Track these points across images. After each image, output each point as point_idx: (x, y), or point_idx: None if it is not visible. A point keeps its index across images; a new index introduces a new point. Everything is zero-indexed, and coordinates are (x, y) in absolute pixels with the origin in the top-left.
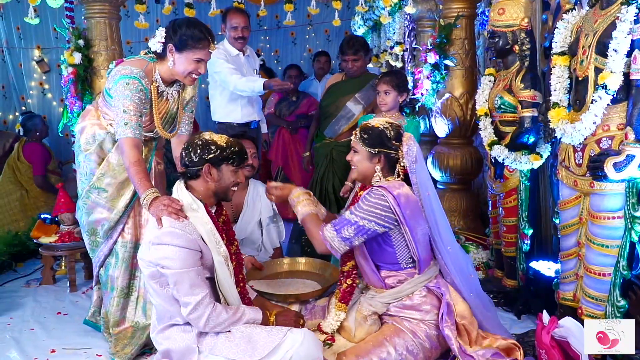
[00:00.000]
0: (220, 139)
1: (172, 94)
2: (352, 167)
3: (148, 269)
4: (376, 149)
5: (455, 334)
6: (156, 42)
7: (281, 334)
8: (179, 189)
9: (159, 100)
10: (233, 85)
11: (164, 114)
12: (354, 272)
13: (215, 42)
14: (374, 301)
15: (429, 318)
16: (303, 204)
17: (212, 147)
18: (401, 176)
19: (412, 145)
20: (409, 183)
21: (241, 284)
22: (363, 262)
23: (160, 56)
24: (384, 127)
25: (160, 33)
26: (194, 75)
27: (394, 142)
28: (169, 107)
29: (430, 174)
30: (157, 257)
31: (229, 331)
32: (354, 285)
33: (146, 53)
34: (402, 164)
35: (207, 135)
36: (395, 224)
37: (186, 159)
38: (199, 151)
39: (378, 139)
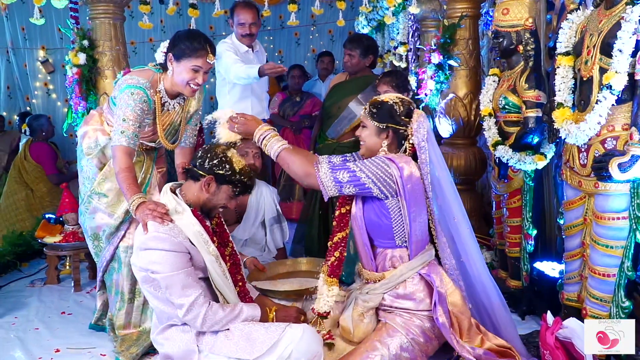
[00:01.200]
0: (238, 163)
1: (174, 105)
2: (361, 142)
3: (140, 274)
4: (384, 124)
5: (450, 324)
6: (160, 53)
7: (280, 330)
8: (165, 193)
9: (162, 111)
10: (234, 74)
11: (167, 125)
12: (343, 244)
13: (214, 54)
14: (368, 296)
15: (422, 307)
16: (277, 138)
17: (227, 166)
18: (408, 152)
19: (422, 122)
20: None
21: (240, 284)
22: (357, 234)
23: (165, 67)
24: (393, 102)
25: (164, 44)
26: (192, 86)
27: (403, 117)
28: (172, 119)
29: None
30: (146, 263)
31: (228, 329)
32: (342, 258)
33: (154, 65)
34: (410, 141)
35: (230, 152)
36: (394, 194)
37: (199, 160)
38: (214, 162)
39: (387, 113)
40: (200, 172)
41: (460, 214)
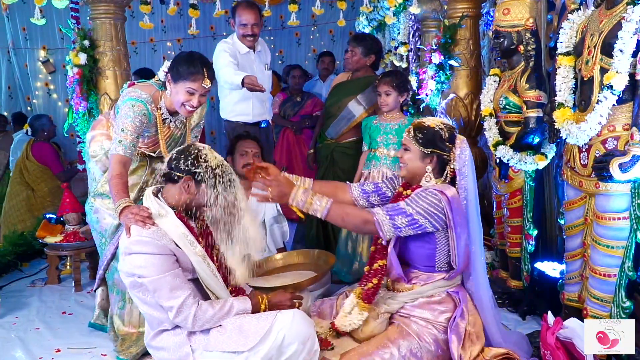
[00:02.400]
0: (214, 159)
1: (176, 124)
2: (401, 164)
3: (127, 280)
4: (429, 149)
5: (460, 342)
6: (162, 72)
7: (270, 318)
8: (147, 197)
9: (162, 126)
10: (222, 78)
11: (167, 138)
12: (382, 272)
13: (212, 79)
14: (389, 300)
15: (440, 320)
16: (318, 196)
17: (202, 164)
18: (449, 178)
19: (465, 148)
20: (454, 186)
21: (231, 283)
22: (390, 265)
23: (166, 86)
24: (438, 128)
25: (167, 63)
26: (187, 107)
27: (447, 143)
28: (172, 132)
29: None
30: (131, 267)
31: (220, 325)
32: (379, 285)
33: (157, 81)
34: (452, 167)
35: (205, 150)
36: (445, 226)
37: (174, 162)
38: (189, 161)
39: (432, 139)
40: (177, 174)
41: (478, 244)
